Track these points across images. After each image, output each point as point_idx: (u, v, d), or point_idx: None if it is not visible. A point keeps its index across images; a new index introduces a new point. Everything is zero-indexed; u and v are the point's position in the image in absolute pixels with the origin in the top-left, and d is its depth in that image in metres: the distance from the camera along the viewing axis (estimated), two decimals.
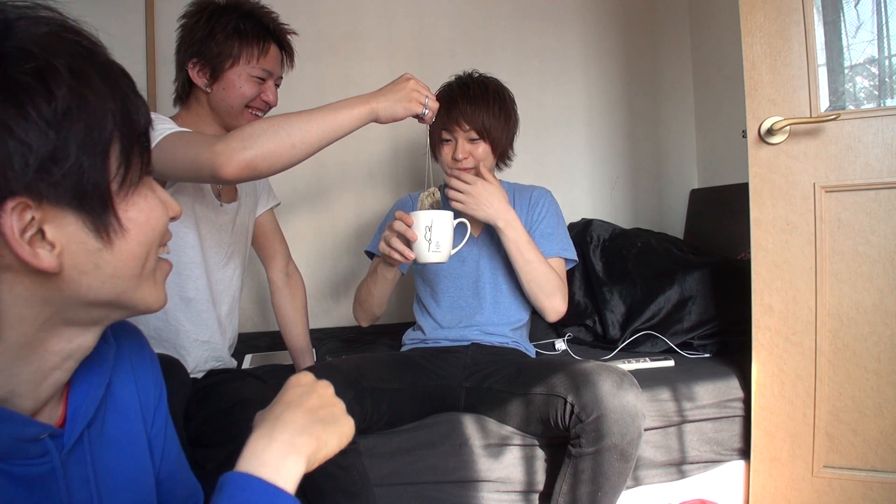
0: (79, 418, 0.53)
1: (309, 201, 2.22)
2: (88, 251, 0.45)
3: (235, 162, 0.88)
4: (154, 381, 0.64)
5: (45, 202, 0.42)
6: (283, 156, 0.92)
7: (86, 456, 0.53)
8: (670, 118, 2.46)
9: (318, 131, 0.94)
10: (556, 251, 1.40)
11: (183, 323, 1.18)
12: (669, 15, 2.42)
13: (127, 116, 0.46)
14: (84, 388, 0.54)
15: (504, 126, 1.37)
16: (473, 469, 1.18)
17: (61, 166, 0.41)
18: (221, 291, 1.25)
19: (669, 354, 1.55)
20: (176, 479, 0.65)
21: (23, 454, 0.47)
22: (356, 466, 1.01)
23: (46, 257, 0.43)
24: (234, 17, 1.14)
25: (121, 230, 0.46)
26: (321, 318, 2.19)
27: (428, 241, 1.11)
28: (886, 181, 1.25)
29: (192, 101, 1.21)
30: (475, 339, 1.37)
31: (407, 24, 2.29)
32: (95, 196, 0.44)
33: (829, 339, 1.30)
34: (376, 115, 1.00)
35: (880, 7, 1.61)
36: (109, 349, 0.58)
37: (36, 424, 0.48)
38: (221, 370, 1.23)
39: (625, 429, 1.03)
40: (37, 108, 0.40)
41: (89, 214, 0.44)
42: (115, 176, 0.45)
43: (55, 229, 0.43)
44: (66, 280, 0.44)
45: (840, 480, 1.30)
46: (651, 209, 2.51)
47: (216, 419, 1.03)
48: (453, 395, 1.26)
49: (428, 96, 1.04)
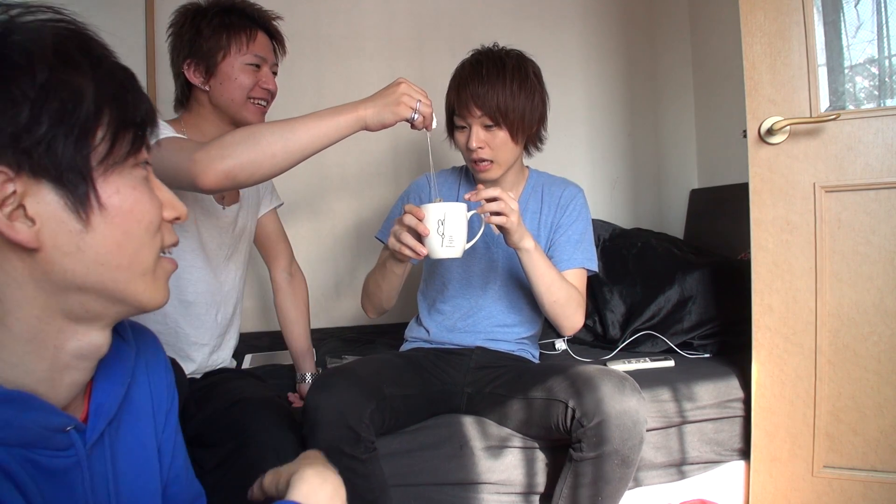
0: (102, 414, 0.53)
1: (309, 201, 2.22)
2: (70, 232, 0.45)
3: (213, 172, 0.85)
4: (167, 386, 0.65)
5: (24, 174, 0.43)
6: (262, 165, 0.88)
7: (106, 453, 0.54)
8: (670, 118, 2.45)
9: (300, 141, 0.90)
10: (581, 261, 1.28)
11: (182, 327, 1.18)
12: (669, 15, 2.42)
13: (120, 102, 0.47)
14: (107, 386, 0.55)
15: (526, 106, 1.22)
16: (474, 471, 1.18)
17: (32, 134, 0.43)
18: (222, 294, 1.25)
19: (669, 354, 1.55)
20: (181, 484, 0.65)
21: (49, 444, 0.48)
22: (375, 474, 1.01)
23: (24, 231, 0.43)
24: (218, 13, 1.16)
25: (101, 210, 0.46)
26: (321, 317, 2.19)
27: (441, 235, 1.04)
28: (886, 181, 1.25)
29: (193, 103, 1.22)
30: (481, 344, 1.32)
31: (407, 24, 2.29)
32: (73, 170, 0.45)
33: (829, 339, 1.30)
34: (364, 122, 0.96)
35: (880, 7, 1.61)
36: (130, 349, 0.59)
37: (62, 415, 0.49)
38: (221, 370, 1.23)
39: (626, 434, 1.01)
40: (17, 82, 0.42)
41: (67, 189, 0.45)
42: (95, 152, 0.46)
43: (35, 203, 0.44)
44: (49, 261, 0.45)
45: (840, 480, 1.30)
46: (651, 209, 2.51)
47: (216, 419, 1.03)
48: (455, 399, 1.24)
49: (420, 100, 0.98)
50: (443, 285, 1.37)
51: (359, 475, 0.99)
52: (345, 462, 0.96)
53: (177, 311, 1.17)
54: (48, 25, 0.46)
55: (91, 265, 0.47)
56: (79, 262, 0.46)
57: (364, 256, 2.27)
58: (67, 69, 0.44)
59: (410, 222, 1.04)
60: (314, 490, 0.53)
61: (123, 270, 0.49)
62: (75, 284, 0.47)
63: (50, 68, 0.43)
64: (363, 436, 0.98)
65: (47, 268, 0.45)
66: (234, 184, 0.88)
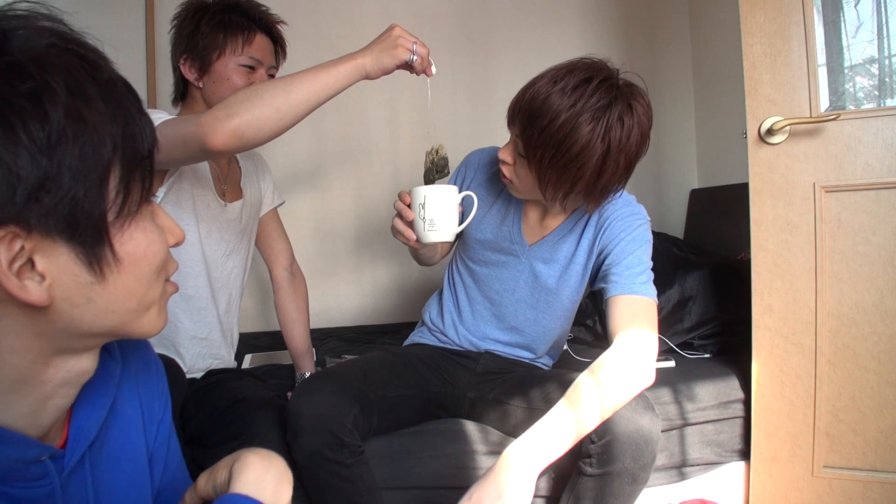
0: (81, 439, 0.51)
1: (309, 201, 2.22)
2: (80, 284, 0.42)
3: (221, 131, 0.85)
4: (159, 394, 0.62)
5: (36, 232, 0.39)
6: (269, 120, 0.88)
7: (86, 476, 0.52)
8: (670, 118, 2.45)
9: (303, 93, 0.90)
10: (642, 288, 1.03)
11: (182, 320, 1.18)
12: (669, 15, 2.42)
13: (129, 139, 0.43)
14: (88, 409, 0.52)
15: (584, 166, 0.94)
16: (474, 475, 1.17)
17: (53, 195, 0.38)
18: (220, 288, 1.25)
19: (670, 354, 1.55)
20: (177, 488, 0.64)
21: (23, 476, 0.46)
22: (363, 477, 1.00)
23: (36, 290, 0.40)
24: (219, 11, 1.16)
25: (115, 263, 0.43)
26: (321, 317, 2.19)
27: (423, 219, 1.01)
28: (886, 181, 1.25)
29: (189, 99, 1.22)
30: (491, 349, 1.25)
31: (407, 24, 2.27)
32: (89, 227, 0.41)
33: (829, 339, 1.30)
34: (364, 69, 0.95)
35: (880, 7, 1.61)
36: (116, 365, 0.56)
37: (37, 446, 0.47)
38: (221, 370, 1.23)
39: (638, 453, 0.93)
40: (28, 132, 0.37)
41: (82, 246, 0.41)
42: (112, 205, 0.42)
43: (46, 260, 0.40)
44: (58, 313, 0.42)
45: (840, 480, 1.30)
46: (651, 209, 2.48)
47: (216, 419, 1.04)
48: (457, 404, 1.22)
49: (415, 42, 0.97)
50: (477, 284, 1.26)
51: (344, 479, 0.97)
52: (330, 468, 0.95)
53: (177, 305, 1.17)
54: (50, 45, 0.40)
55: (101, 313, 0.44)
56: (88, 312, 0.44)
57: (365, 256, 2.27)
58: (80, 105, 0.39)
59: (398, 207, 1.02)
60: (259, 477, 0.50)
61: (132, 312, 0.46)
62: (81, 332, 0.45)
63: (65, 109, 0.38)
64: (346, 440, 0.96)
65: (55, 318, 0.43)
66: (242, 142, 0.88)
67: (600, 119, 0.92)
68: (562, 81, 0.95)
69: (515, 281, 1.20)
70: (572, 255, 1.14)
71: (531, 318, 1.21)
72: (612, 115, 0.93)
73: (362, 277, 2.29)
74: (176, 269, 0.52)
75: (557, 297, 1.18)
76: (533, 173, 0.99)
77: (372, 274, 2.29)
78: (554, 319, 1.21)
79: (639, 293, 1.02)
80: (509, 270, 1.20)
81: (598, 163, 0.94)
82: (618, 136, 0.93)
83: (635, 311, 1.00)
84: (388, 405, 1.11)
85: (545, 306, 1.19)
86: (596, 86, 0.94)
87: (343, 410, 0.97)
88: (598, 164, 0.94)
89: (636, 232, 1.08)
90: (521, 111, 0.98)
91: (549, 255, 1.16)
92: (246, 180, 1.33)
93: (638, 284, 1.02)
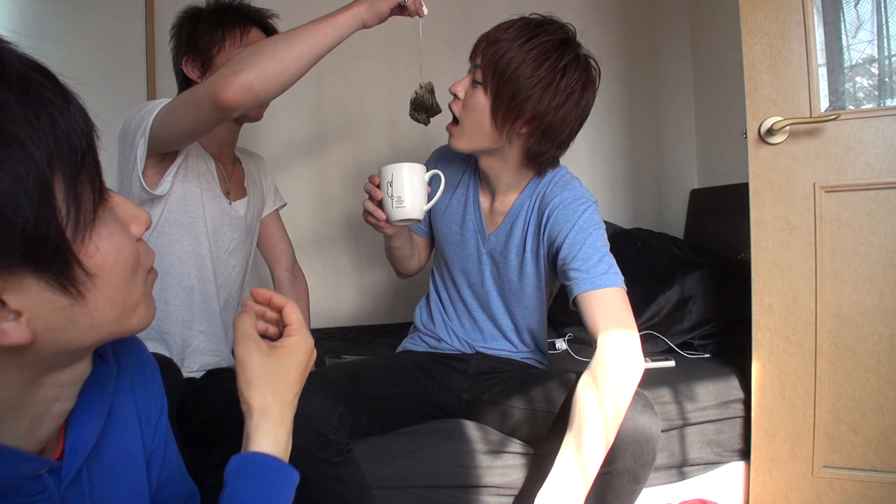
0: (78, 451, 0.50)
1: (309, 201, 2.22)
2: (59, 309, 0.40)
3: (231, 86, 0.88)
4: (155, 395, 0.62)
5: None
6: (275, 71, 0.92)
7: (83, 487, 0.51)
8: (670, 118, 2.45)
9: (305, 44, 0.94)
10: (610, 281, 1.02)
11: (183, 311, 1.18)
12: (669, 15, 2.42)
13: (62, 140, 0.38)
14: (84, 420, 0.51)
15: (535, 87, 1.01)
16: (474, 474, 1.17)
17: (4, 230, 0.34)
18: (221, 284, 1.26)
19: (670, 354, 1.55)
20: (174, 484, 0.64)
21: (21, 492, 0.45)
22: (353, 476, 1.00)
23: (15, 331, 0.37)
24: (213, 12, 1.22)
25: (89, 279, 0.41)
26: (321, 317, 2.19)
27: (390, 197, 1.04)
28: (886, 181, 1.25)
29: None
30: (481, 349, 1.27)
31: (407, 24, 2.28)
32: (50, 251, 0.37)
33: (829, 339, 1.30)
34: (361, 18, 1.00)
35: (880, 7, 1.61)
36: (110, 371, 0.55)
37: (34, 460, 0.46)
38: (220, 369, 1.23)
39: (638, 452, 0.94)
40: None
41: (49, 272, 0.38)
42: (67, 221, 0.38)
43: (17, 296, 0.37)
44: (43, 342, 0.40)
45: (840, 480, 1.30)
46: (651, 209, 2.51)
47: (215, 418, 1.04)
48: (453, 405, 1.22)
49: None
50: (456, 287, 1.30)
51: (334, 478, 0.97)
52: (319, 467, 0.95)
53: (178, 296, 1.17)
54: None
55: (86, 330, 0.42)
56: (73, 333, 0.41)
57: (364, 257, 2.27)
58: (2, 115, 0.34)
59: (367, 187, 1.07)
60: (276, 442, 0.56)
61: (118, 319, 0.45)
62: (69, 351, 0.43)
63: None
64: (332, 438, 0.96)
65: (38, 349, 0.40)
66: (253, 97, 0.91)
67: (559, 50, 1.04)
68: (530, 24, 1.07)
69: (482, 274, 1.23)
70: (523, 243, 1.16)
71: (506, 311, 1.25)
72: (570, 53, 1.05)
73: (363, 278, 2.29)
74: (153, 258, 0.50)
75: (521, 287, 1.20)
76: (488, 98, 1.04)
77: (372, 274, 2.29)
78: (523, 309, 1.22)
79: (603, 285, 0.99)
80: (477, 265, 1.24)
81: (552, 87, 1.02)
82: (573, 71, 1.04)
83: (606, 307, 0.98)
84: (379, 404, 1.11)
85: (516, 298, 1.21)
86: (558, 27, 1.08)
87: (327, 408, 0.98)
88: (552, 89, 1.02)
89: (582, 218, 1.06)
90: (488, 38, 1.07)
91: (505, 247, 1.18)
92: (249, 181, 1.34)
93: (600, 276, 1.00)
